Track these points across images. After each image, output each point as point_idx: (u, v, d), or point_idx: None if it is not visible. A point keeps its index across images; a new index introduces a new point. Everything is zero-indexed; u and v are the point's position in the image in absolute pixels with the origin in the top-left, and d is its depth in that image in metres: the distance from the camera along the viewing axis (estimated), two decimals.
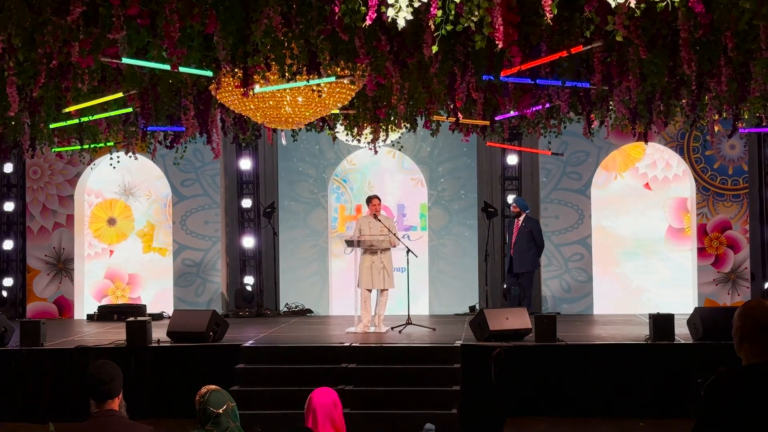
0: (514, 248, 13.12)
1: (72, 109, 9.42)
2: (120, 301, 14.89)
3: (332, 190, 15.23)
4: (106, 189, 15.22)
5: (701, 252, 14.19)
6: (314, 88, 8.57)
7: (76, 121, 10.15)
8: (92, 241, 15.23)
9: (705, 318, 9.98)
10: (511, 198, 14.19)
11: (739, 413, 3.16)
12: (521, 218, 13.17)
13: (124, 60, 7.59)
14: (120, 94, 9.16)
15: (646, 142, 10.91)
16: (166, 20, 6.45)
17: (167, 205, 15.00)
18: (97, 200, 15.24)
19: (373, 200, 11.71)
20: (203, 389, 4.72)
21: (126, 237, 15.22)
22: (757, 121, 11.73)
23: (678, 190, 14.58)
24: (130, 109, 9.95)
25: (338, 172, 15.11)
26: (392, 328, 11.45)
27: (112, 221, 15.22)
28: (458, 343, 10.32)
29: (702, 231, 14.21)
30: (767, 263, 14.17)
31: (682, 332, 10.28)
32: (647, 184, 14.58)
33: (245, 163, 15.06)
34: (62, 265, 14.83)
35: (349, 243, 11.61)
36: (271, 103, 8.84)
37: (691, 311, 10.64)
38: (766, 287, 13.99)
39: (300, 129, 11.07)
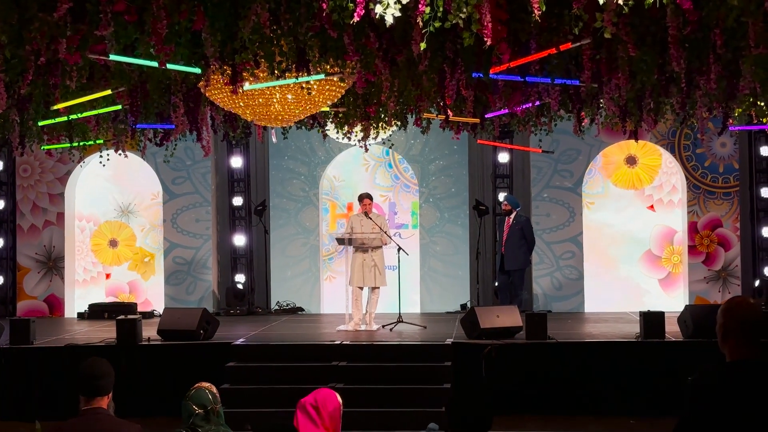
0: (505, 246, 13.13)
1: (61, 106, 9.37)
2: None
3: (323, 189, 15.21)
4: (105, 215, 15.16)
5: (692, 250, 14.20)
6: (303, 85, 8.55)
7: (66, 118, 10.11)
8: (92, 263, 15.15)
9: (696, 315, 9.99)
10: (502, 196, 14.19)
11: (723, 409, 3.16)
12: (512, 216, 13.18)
13: (112, 57, 7.56)
14: (108, 92, 9.13)
15: (636, 140, 10.91)
16: (154, 17, 6.43)
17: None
18: (95, 227, 15.15)
19: (364, 199, 11.68)
20: (193, 387, 4.73)
21: (120, 263, 15.14)
22: (747, 119, 11.74)
23: (670, 219, 14.49)
24: (119, 107, 9.92)
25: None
26: (383, 326, 11.44)
27: (113, 243, 15.15)
28: (449, 340, 10.31)
29: (693, 229, 14.22)
30: (757, 261, 14.18)
31: (672, 330, 10.29)
32: (652, 206, 14.54)
33: (236, 161, 15.03)
34: (52, 264, 14.78)
35: (341, 241, 11.60)
36: (260, 100, 8.81)
37: (681, 309, 10.65)
38: (756, 285, 14.01)
39: (290, 127, 11.04)
